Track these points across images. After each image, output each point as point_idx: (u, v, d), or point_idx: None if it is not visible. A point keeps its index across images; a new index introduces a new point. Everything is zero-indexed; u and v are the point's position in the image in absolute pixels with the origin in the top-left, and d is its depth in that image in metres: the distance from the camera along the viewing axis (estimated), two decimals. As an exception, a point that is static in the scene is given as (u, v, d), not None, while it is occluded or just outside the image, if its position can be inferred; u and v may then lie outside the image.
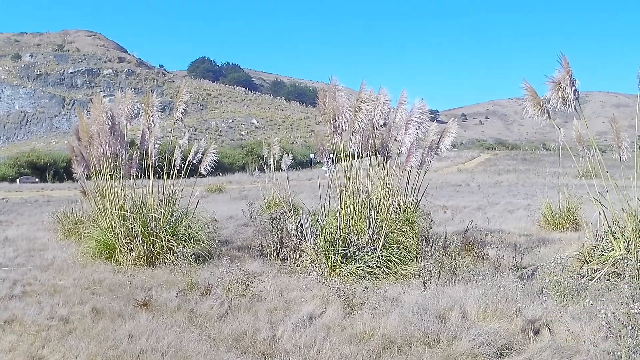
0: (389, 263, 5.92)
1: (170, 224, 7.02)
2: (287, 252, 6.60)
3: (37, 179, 34.95)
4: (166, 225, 6.98)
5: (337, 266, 5.96)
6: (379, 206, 6.39)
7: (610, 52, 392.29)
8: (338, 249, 6.00)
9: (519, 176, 33.47)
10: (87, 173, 7.69)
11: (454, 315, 4.37)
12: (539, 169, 36.77)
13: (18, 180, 33.76)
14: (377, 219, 6.24)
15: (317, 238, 6.18)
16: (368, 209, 6.24)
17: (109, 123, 6.96)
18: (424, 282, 5.37)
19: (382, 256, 5.95)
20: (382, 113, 6.33)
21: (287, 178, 9.72)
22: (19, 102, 77.30)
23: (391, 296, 5.01)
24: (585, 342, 3.81)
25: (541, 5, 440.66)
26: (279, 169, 12.20)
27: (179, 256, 5.97)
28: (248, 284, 5.25)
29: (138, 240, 6.75)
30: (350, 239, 6.07)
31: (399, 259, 5.97)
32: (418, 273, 5.68)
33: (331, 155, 6.51)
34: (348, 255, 6.02)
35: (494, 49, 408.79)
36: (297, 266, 6.32)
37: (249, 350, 3.98)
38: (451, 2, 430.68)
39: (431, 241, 6.23)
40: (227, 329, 4.32)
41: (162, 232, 6.88)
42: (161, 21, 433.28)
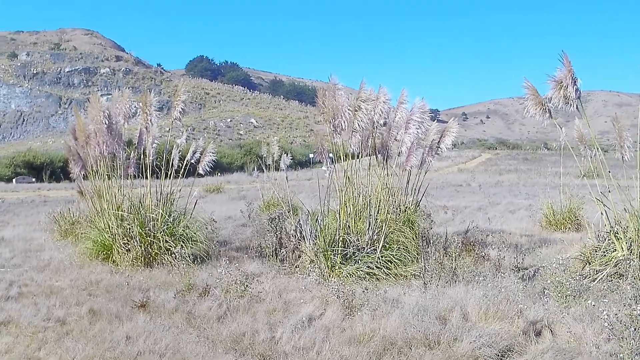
0: (389, 264, 5.90)
1: (168, 225, 7.01)
2: (286, 253, 6.59)
3: (34, 179, 34.91)
4: (164, 225, 6.97)
5: (337, 267, 5.94)
6: (379, 206, 6.37)
7: (612, 51, 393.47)
8: (337, 250, 5.98)
9: (521, 176, 33.38)
10: (84, 173, 7.65)
11: (455, 316, 4.35)
12: (541, 169, 36.86)
13: (14, 180, 33.69)
14: (377, 220, 6.22)
15: (317, 238, 6.16)
16: (368, 209, 6.22)
17: (106, 122, 6.95)
18: (425, 283, 5.36)
19: (382, 257, 5.93)
20: (382, 112, 6.33)
21: (286, 178, 9.70)
22: (15, 101, 76.99)
23: (391, 297, 5.00)
24: (587, 344, 3.79)
25: (542, 4, 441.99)
26: (278, 169, 12.20)
27: (177, 257, 5.96)
28: (247, 285, 5.23)
29: (135, 240, 6.73)
30: (349, 240, 6.06)
31: (399, 260, 5.96)
32: (418, 274, 5.66)
33: (330, 155, 6.48)
34: (348, 255, 6.01)
35: (495, 49, 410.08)
36: (296, 267, 6.30)
37: (248, 351, 3.96)
38: (451, 2, 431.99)
39: (432, 242, 6.20)
40: (226, 331, 4.30)
41: (160, 233, 6.87)
42: (159, 19, 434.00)
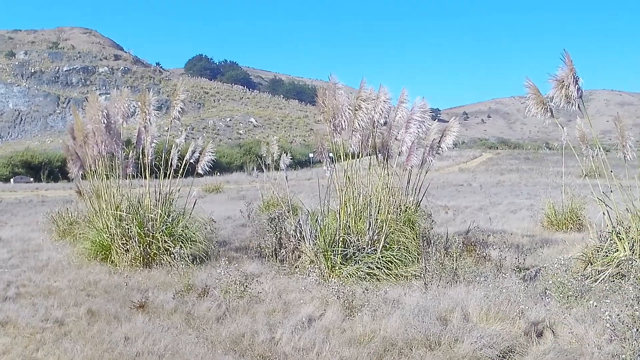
0: (390, 264, 5.88)
1: (167, 225, 6.99)
2: (286, 253, 6.57)
3: (32, 179, 34.84)
4: (163, 225, 6.95)
5: (337, 267, 5.92)
6: (379, 206, 6.35)
7: (614, 50, 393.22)
8: (338, 250, 5.96)
9: (522, 176, 33.23)
10: (83, 173, 7.64)
11: (456, 317, 4.33)
12: (542, 169, 36.79)
13: (12, 180, 33.66)
14: (378, 220, 6.20)
15: (317, 239, 6.14)
16: (368, 209, 6.21)
17: (105, 122, 6.93)
18: (425, 284, 5.34)
19: (383, 257, 5.91)
20: (383, 112, 6.31)
21: (286, 178, 9.67)
22: (13, 101, 76.66)
23: (392, 298, 4.98)
24: (589, 345, 3.78)
25: (543, 4, 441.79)
26: (278, 169, 12.18)
27: (176, 257, 5.95)
28: (246, 286, 5.22)
29: (134, 241, 6.71)
30: (350, 240, 6.04)
31: (400, 260, 5.93)
32: (419, 274, 5.64)
33: (331, 154, 6.45)
34: (348, 256, 5.99)
35: (495, 48, 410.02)
36: (296, 267, 6.28)
37: (247, 352, 3.95)
38: (451, 2, 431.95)
39: (432, 242, 6.19)
40: (225, 331, 4.29)
41: (159, 233, 6.85)
42: (158, 18, 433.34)
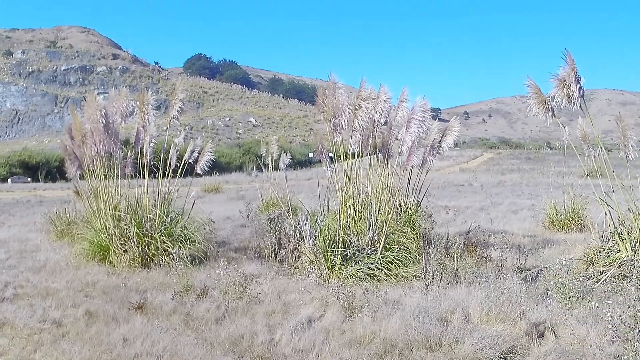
0: (390, 265, 5.87)
1: (165, 225, 6.98)
2: (286, 254, 6.56)
3: (29, 179, 34.87)
4: (161, 226, 6.94)
5: (337, 268, 5.90)
6: (380, 206, 6.34)
7: (616, 49, 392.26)
8: (337, 251, 5.95)
9: (523, 176, 33.23)
10: (81, 173, 7.64)
11: (457, 318, 4.31)
12: (544, 169, 36.66)
13: (9, 180, 33.68)
14: (378, 220, 6.19)
15: (316, 239, 6.12)
16: (368, 210, 6.19)
17: (103, 121, 6.92)
18: (426, 285, 5.32)
19: (383, 258, 5.89)
20: (383, 111, 6.30)
21: (286, 178, 9.69)
22: (11, 100, 76.54)
23: (392, 299, 4.96)
24: (591, 346, 3.75)
25: (545, 4, 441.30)
26: (277, 169, 12.16)
27: (175, 258, 5.94)
28: (245, 286, 5.20)
29: (133, 241, 6.69)
30: (350, 240, 6.03)
31: (400, 261, 5.92)
32: (419, 275, 5.62)
33: (330, 154, 6.43)
34: (348, 256, 5.97)
35: (496, 48, 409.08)
36: (296, 268, 6.27)
37: (246, 354, 3.93)
38: (451, 2, 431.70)
39: (433, 242, 6.16)
40: (224, 333, 4.27)
41: (158, 233, 6.83)
42: (156, 17, 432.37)
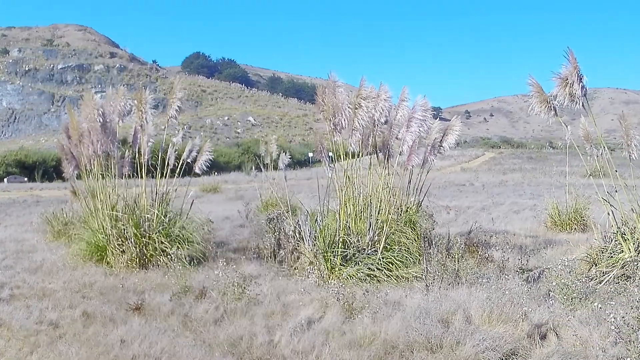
0: (390, 265, 5.84)
1: (163, 225, 6.95)
2: (285, 254, 6.55)
3: (26, 179, 34.87)
4: (159, 226, 6.91)
5: (337, 268, 5.88)
6: (380, 207, 6.31)
7: (619, 48, 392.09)
8: (337, 251, 5.92)
9: (525, 175, 33.16)
10: (78, 172, 7.61)
11: (458, 319, 4.28)
12: (546, 168, 36.69)
13: (6, 179, 33.68)
14: (378, 220, 6.16)
15: (316, 239, 6.10)
16: (368, 210, 6.17)
17: (101, 120, 6.89)
18: (427, 285, 5.29)
19: (383, 258, 5.87)
20: (383, 110, 6.28)
21: (285, 177, 9.68)
22: (7, 99, 76.32)
23: (392, 300, 4.94)
24: (593, 348, 3.73)
25: (546, 3, 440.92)
26: (277, 168, 12.12)
27: (173, 258, 5.93)
28: (244, 287, 5.17)
29: (130, 241, 6.66)
30: (350, 241, 6.01)
31: (401, 261, 5.89)
32: (420, 276, 5.60)
33: (330, 154, 6.41)
34: (348, 257, 5.94)
35: (497, 47, 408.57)
36: (295, 269, 6.26)
37: (245, 355, 3.91)
38: (451, 2, 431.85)
39: (434, 243, 6.15)
40: (223, 334, 4.24)
41: (155, 234, 6.81)
42: (154, 15, 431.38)
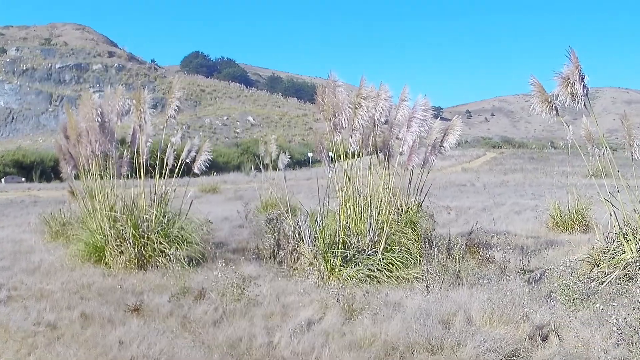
0: (391, 266, 5.82)
1: (162, 226, 6.92)
2: (285, 255, 6.52)
3: (23, 179, 34.78)
4: (158, 226, 6.88)
5: (337, 269, 5.85)
6: (380, 207, 6.29)
7: (620, 47, 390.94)
8: (337, 252, 5.89)
9: (526, 176, 32.99)
10: (76, 172, 7.60)
11: (458, 320, 4.26)
12: (547, 168, 36.67)
13: (3, 179, 33.62)
14: (378, 220, 6.14)
15: (316, 240, 6.07)
16: (369, 210, 6.15)
17: (99, 120, 6.87)
18: (427, 286, 5.28)
19: (384, 259, 5.84)
20: (384, 110, 6.26)
21: (285, 178, 9.65)
22: (4, 98, 76.05)
23: (393, 301, 4.93)
24: (595, 349, 3.71)
25: (547, 3, 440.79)
26: (276, 168, 12.09)
27: (172, 259, 5.91)
28: (243, 288, 5.15)
29: (129, 242, 6.63)
30: (350, 241, 5.98)
31: (401, 262, 5.87)
32: (421, 277, 5.58)
33: (330, 154, 6.39)
34: (348, 258, 5.92)
35: (498, 47, 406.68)
36: (295, 269, 6.23)
37: (245, 357, 3.89)
38: (451, 2, 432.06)
39: (434, 243, 6.14)
40: (222, 335, 4.22)
41: (154, 234, 6.77)
42: (153, 14, 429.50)
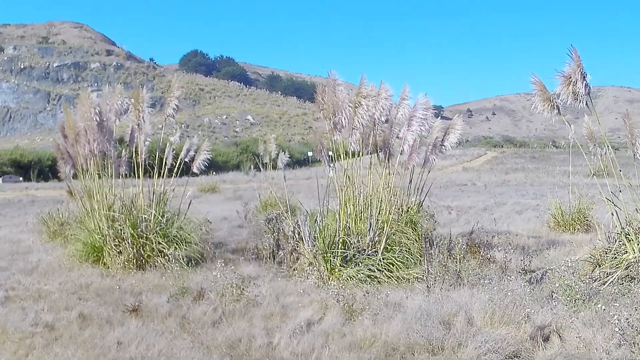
0: (391, 266, 5.80)
1: (161, 226, 6.90)
2: (284, 255, 6.50)
3: (21, 178, 34.69)
4: (157, 226, 6.86)
5: (337, 269, 5.83)
6: (381, 207, 6.28)
7: (622, 46, 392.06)
8: (337, 252, 5.87)
9: (528, 175, 33.03)
10: (74, 172, 7.59)
11: (459, 321, 4.24)
12: (549, 168, 36.81)
13: (0, 179, 33.53)
14: (379, 220, 6.12)
15: (316, 240, 6.05)
16: (369, 210, 6.13)
17: (97, 119, 6.84)
18: (428, 287, 5.26)
19: (384, 259, 5.82)
20: (384, 109, 6.25)
21: (284, 177, 9.63)
22: (2, 97, 75.63)
23: (393, 301, 4.91)
24: (597, 350, 3.70)
25: (547, 3, 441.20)
26: (276, 168, 12.09)
27: (170, 259, 5.88)
28: (243, 289, 5.13)
29: (127, 242, 6.61)
30: (350, 241, 5.96)
31: (402, 262, 5.85)
32: (421, 277, 5.56)
33: (330, 153, 6.36)
34: (348, 258, 5.90)
35: (498, 47, 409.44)
36: (295, 270, 6.21)
37: (244, 358, 3.88)
38: (451, 2, 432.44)
39: (435, 243, 6.11)
40: (221, 336, 4.21)
41: (153, 234, 6.75)
42: (151, 13, 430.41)
